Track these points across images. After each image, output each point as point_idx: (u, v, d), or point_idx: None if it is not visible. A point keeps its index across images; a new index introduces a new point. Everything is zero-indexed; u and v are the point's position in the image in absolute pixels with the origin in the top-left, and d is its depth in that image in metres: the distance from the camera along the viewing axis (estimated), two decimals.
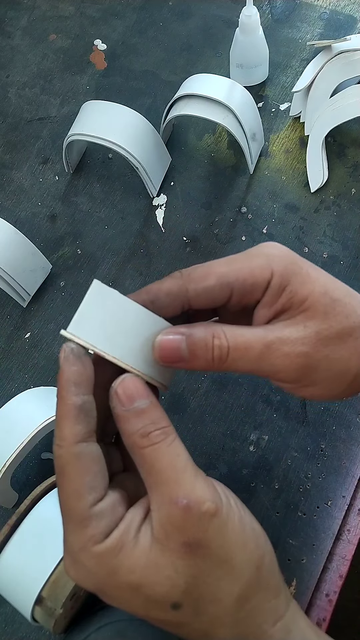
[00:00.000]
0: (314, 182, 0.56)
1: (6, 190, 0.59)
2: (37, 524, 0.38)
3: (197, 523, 0.25)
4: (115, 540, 0.26)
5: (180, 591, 0.26)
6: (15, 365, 0.52)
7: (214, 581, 0.26)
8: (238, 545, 0.26)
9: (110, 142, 0.51)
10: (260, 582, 0.27)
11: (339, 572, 0.43)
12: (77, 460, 0.26)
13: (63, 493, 0.26)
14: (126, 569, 0.25)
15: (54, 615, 0.37)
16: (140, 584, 0.25)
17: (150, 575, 0.25)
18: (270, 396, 0.49)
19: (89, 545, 0.25)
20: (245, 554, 0.27)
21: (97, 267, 0.55)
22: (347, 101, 0.54)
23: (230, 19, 0.65)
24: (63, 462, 0.26)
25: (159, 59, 0.64)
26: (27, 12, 0.69)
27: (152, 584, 0.25)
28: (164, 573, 0.25)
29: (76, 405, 0.26)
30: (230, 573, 0.26)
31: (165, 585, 0.25)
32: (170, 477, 0.26)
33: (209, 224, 0.56)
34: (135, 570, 0.25)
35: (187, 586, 0.26)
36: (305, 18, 0.65)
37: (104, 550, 0.25)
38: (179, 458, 0.26)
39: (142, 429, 0.26)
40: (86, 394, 0.27)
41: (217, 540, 0.26)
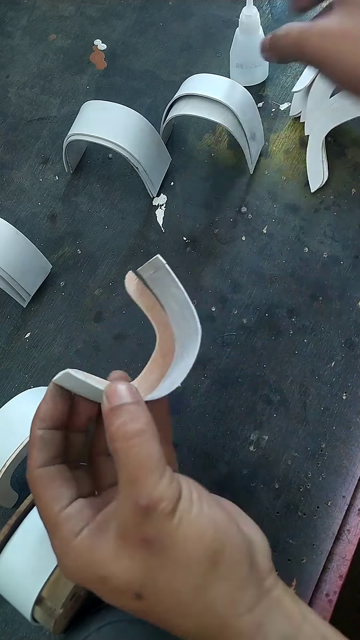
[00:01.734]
0: (314, 182, 0.56)
1: (6, 190, 0.59)
2: (37, 524, 0.38)
3: (154, 522, 0.27)
4: (84, 537, 0.29)
5: (139, 582, 0.28)
6: (15, 365, 0.52)
7: (169, 574, 0.28)
8: (191, 539, 0.28)
9: (110, 142, 0.51)
10: (218, 573, 0.28)
11: (339, 572, 0.43)
12: (39, 480, 0.30)
13: (37, 507, 0.30)
14: (94, 562, 0.28)
15: (54, 615, 0.37)
16: (106, 576, 0.28)
17: (113, 568, 0.28)
18: (270, 396, 0.49)
19: (65, 545, 0.29)
20: (199, 546, 0.28)
21: (97, 267, 0.55)
22: (347, 101, 0.54)
23: (230, 19, 0.65)
24: (30, 483, 0.31)
25: (159, 59, 0.64)
26: (27, 12, 0.69)
27: (115, 575, 0.28)
28: (124, 565, 0.28)
29: (36, 436, 0.31)
30: (184, 565, 0.28)
31: (126, 577, 0.28)
32: (136, 477, 0.28)
33: (209, 224, 0.56)
34: (101, 564, 0.28)
35: (146, 578, 0.28)
36: (305, 18, 0.65)
37: (76, 547, 0.29)
38: (148, 459, 0.28)
39: (119, 426, 0.29)
40: (49, 428, 0.31)
41: (172, 537, 0.28)
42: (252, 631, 0.28)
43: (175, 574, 0.28)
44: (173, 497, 0.28)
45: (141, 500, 0.27)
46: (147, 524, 0.27)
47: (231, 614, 0.28)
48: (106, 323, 0.53)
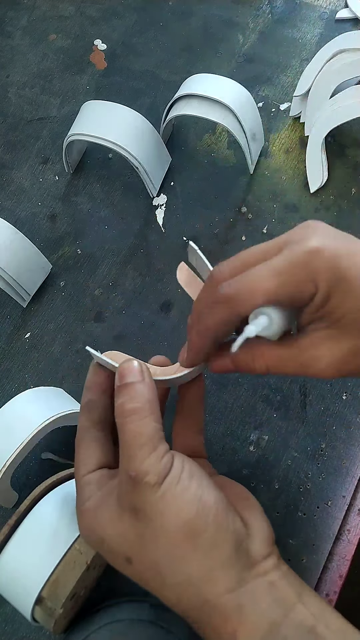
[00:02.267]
0: (313, 183, 0.56)
1: (6, 190, 0.59)
2: (37, 524, 0.38)
3: (140, 492, 0.30)
4: (92, 502, 0.32)
5: (129, 547, 0.30)
6: (15, 365, 0.52)
7: (151, 542, 0.30)
8: (172, 512, 0.30)
9: (110, 142, 0.51)
10: (197, 550, 0.29)
11: (339, 572, 0.44)
12: (79, 442, 0.34)
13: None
14: (97, 525, 0.31)
15: (54, 615, 0.37)
16: (103, 538, 0.31)
17: (109, 531, 0.31)
18: (270, 396, 0.49)
19: (79, 506, 0.33)
20: (178, 520, 0.29)
21: (97, 267, 0.55)
22: (347, 102, 0.54)
23: (230, 19, 0.65)
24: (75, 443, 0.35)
25: (159, 59, 0.65)
26: (27, 12, 0.69)
27: (110, 538, 0.31)
28: (118, 529, 0.30)
29: (83, 402, 0.35)
30: (163, 536, 0.30)
31: (119, 541, 0.31)
32: (129, 451, 0.30)
33: (209, 224, 0.56)
34: (101, 526, 0.31)
35: (134, 544, 0.30)
36: (305, 18, 0.65)
37: (85, 510, 0.32)
38: (140, 437, 0.30)
39: (120, 403, 0.32)
40: (94, 396, 0.35)
41: (153, 507, 0.30)
42: (231, 611, 0.28)
43: (156, 544, 0.30)
44: (159, 472, 0.30)
45: (130, 472, 0.30)
46: (135, 494, 0.30)
47: (210, 592, 0.29)
48: (106, 323, 0.53)
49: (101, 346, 0.52)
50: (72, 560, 0.37)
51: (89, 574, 0.39)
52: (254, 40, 0.64)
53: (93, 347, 0.51)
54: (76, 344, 0.52)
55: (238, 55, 0.63)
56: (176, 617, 0.40)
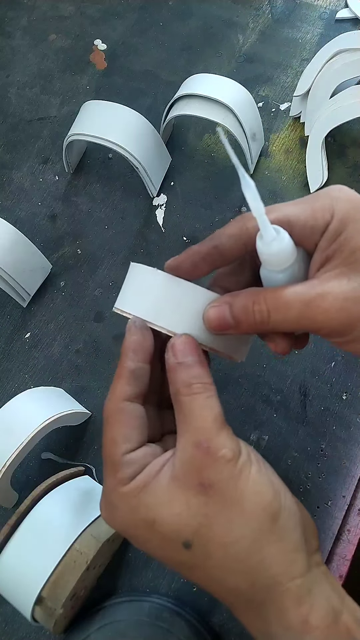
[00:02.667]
0: (313, 183, 0.56)
1: (6, 190, 0.59)
2: (37, 524, 0.38)
3: (214, 465, 0.28)
4: (138, 481, 0.28)
5: (191, 529, 0.28)
6: (15, 365, 0.52)
7: (224, 523, 0.28)
8: (251, 492, 0.28)
9: (110, 142, 0.51)
10: (274, 533, 0.28)
11: (339, 572, 0.43)
12: (119, 414, 0.30)
13: (105, 440, 0.30)
14: (144, 506, 0.28)
15: (54, 616, 0.37)
16: (155, 520, 0.28)
17: (164, 511, 0.28)
18: (270, 396, 0.49)
19: (118, 487, 0.29)
20: (259, 501, 0.28)
21: (97, 267, 0.55)
22: (347, 101, 0.53)
23: (230, 19, 0.65)
24: (108, 413, 0.30)
25: (159, 59, 0.64)
26: (27, 12, 0.69)
27: (165, 519, 0.28)
28: (177, 509, 0.28)
29: (130, 369, 0.31)
30: (241, 516, 0.28)
31: (177, 522, 0.28)
32: (198, 424, 0.28)
33: (209, 224, 0.56)
34: (151, 507, 0.28)
35: (199, 525, 0.27)
36: (306, 18, 0.65)
37: (128, 491, 0.28)
38: (211, 411, 0.29)
39: (186, 380, 0.29)
40: (141, 362, 0.31)
41: (230, 484, 0.28)
42: (302, 594, 0.28)
43: (231, 524, 0.28)
44: (233, 447, 0.28)
45: (202, 444, 0.28)
46: (207, 467, 0.28)
47: (284, 575, 0.28)
48: (106, 323, 0.53)
49: (101, 346, 0.52)
50: (72, 560, 0.37)
51: (89, 574, 0.39)
52: (254, 40, 0.64)
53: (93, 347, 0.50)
54: (76, 344, 0.52)
55: (238, 55, 0.63)
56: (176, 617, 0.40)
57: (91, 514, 0.39)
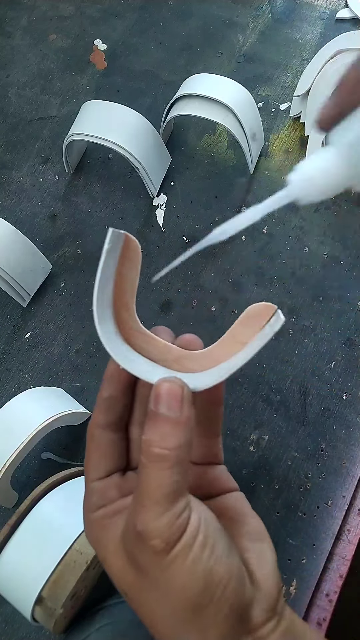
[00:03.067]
0: None
1: (6, 190, 0.59)
2: (37, 524, 0.38)
3: (143, 551, 0.27)
4: (99, 516, 0.30)
5: (125, 585, 0.29)
6: (15, 365, 0.52)
7: (150, 600, 0.28)
8: (178, 583, 0.27)
9: (110, 142, 0.51)
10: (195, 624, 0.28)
11: (339, 572, 0.43)
12: (90, 441, 0.31)
13: None
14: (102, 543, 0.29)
15: (54, 615, 0.37)
16: (105, 559, 0.29)
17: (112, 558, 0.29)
18: (270, 396, 0.49)
19: (86, 512, 0.30)
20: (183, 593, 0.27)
21: (97, 267, 0.55)
22: None
23: (230, 19, 0.65)
24: (87, 439, 0.31)
25: (159, 59, 0.64)
26: (27, 12, 0.69)
27: (111, 565, 0.29)
28: (119, 563, 0.29)
29: (102, 397, 0.31)
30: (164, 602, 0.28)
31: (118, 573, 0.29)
32: (143, 501, 0.27)
33: (209, 224, 0.56)
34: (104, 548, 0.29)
35: (130, 588, 0.28)
36: (306, 18, 0.65)
37: (91, 521, 0.30)
38: (159, 489, 0.27)
39: (148, 440, 0.27)
40: (114, 391, 0.32)
41: (157, 572, 0.27)
42: None
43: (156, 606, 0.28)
44: (169, 537, 0.27)
45: (137, 526, 0.27)
46: (139, 551, 0.27)
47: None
48: None
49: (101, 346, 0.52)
50: (72, 561, 0.37)
51: (89, 574, 0.39)
52: (254, 40, 0.64)
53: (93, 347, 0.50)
54: (76, 344, 0.52)
55: (238, 55, 0.63)
56: None
57: None
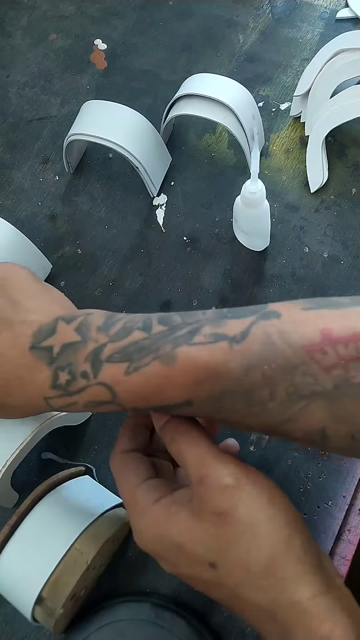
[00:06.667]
0: (313, 183, 0.56)
1: (6, 190, 0.59)
2: (37, 524, 0.38)
3: (221, 494, 0.30)
4: (162, 505, 0.31)
5: (213, 552, 0.30)
6: None
7: (241, 546, 0.29)
8: (263, 517, 0.30)
9: (111, 142, 0.51)
10: (290, 555, 0.29)
11: (339, 572, 0.43)
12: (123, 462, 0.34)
13: (119, 488, 0.34)
14: (172, 531, 0.31)
15: (54, 616, 0.37)
16: (182, 544, 0.30)
17: (189, 538, 0.30)
18: None
19: (142, 512, 0.32)
20: (272, 525, 0.29)
21: (97, 267, 0.55)
22: (347, 101, 0.54)
23: (230, 18, 0.65)
24: (112, 464, 0.35)
25: (159, 58, 0.64)
26: (27, 11, 0.69)
27: (191, 544, 0.30)
28: (199, 537, 0.30)
29: (129, 425, 0.36)
30: (256, 540, 0.29)
31: (201, 547, 0.30)
32: (195, 463, 0.31)
33: (209, 224, 0.56)
34: (177, 534, 0.30)
35: (219, 550, 0.30)
36: (306, 17, 0.65)
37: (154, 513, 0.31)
38: (200, 448, 0.31)
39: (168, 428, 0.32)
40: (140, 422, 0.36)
41: (241, 509, 0.29)
42: (322, 612, 0.28)
43: (248, 547, 0.29)
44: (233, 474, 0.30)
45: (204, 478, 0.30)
46: (215, 498, 0.29)
47: (302, 594, 0.29)
48: None
49: None
50: (72, 561, 0.37)
51: (89, 574, 0.39)
52: (254, 40, 0.64)
53: None
54: None
55: (238, 55, 0.63)
56: (176, 617, 0.40)
57: (91, 514, 0.39)
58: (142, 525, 0.31)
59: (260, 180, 0.45)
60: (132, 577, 0.44)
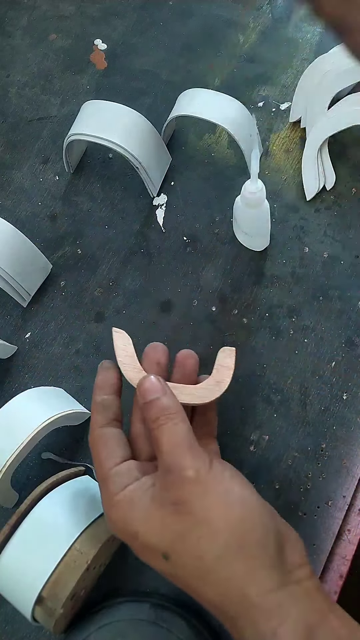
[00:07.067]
0: (309, 191, 0.55)
1: (6, 190, 0.59)
2: (37, 524, 0.38)
3: (181, 486, 0.31)
4: (127, 492, 0.32)
5: (167, 544, 0.30)
6: (15, 365, 0.52)
7: (195, 538, 0.30)
8: (219, 511, 0.30)
9: (111, 142, 0.51)
10: (242, 549, 0.30)
11: (339, 572, 0.44)
12: (98, 440, 0.35)
13: (95, 465, 0.35)
14: (129, 519, 0.32)
15: (54, 616, 0.37)
16: (137, 533, 0.31)
17: (145, 527, 0.31)
18: (270, 396, 0.49)
19: (110, 497, 0.33)
20: (226, 518, 0.30)
21: (97, 267, 0.55)
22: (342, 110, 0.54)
23: (230, 18, 0.65)
24: (91, 444, 0.36)
25: (159, 58, 0.64)
26: (27, 11, 0.69)
27: (145, 534, 0.31)
28: (155, 526, 0.31)
29: (97, 402, 0.37)
30: (209, 533, 0.30)
31: (155, 536, 0.31)
32: (166, 450, 0.32)
33: (209, 224, 0.56)
34: (135, 521, 0.31)
35: (173, 540, 0.30)
36: (306, 17, 0.65)
37: (119, 500, 0.32)
38: (176, 436, 0.33)
39: (153, 415, 0.34)
40: (106, 394, 0.37)
41: (198, 502, 0.30)
42: (273, 609, 0.29)
43: (200, 540, 0.30)
44: (199, 467, 0.31)
45: (171, 466, 0.31)
46: (175, 488, 0.31)
47: (252, 590, 0.29)
48: (106, 323, 0.53)
49: (101, 346, 0.52)
50: (72, 561, 0.37)
51: (89, 574, 0.39)
52: (254, 40, 0.64)
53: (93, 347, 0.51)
54: (76, 344, 0.52)
55: (238, 55, 0.63)
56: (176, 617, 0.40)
57: (91, 514, 0.39)
58: (110, 512, 0.33)
59: (260, 180, 0.45)
60: (132, 577, 0.44)
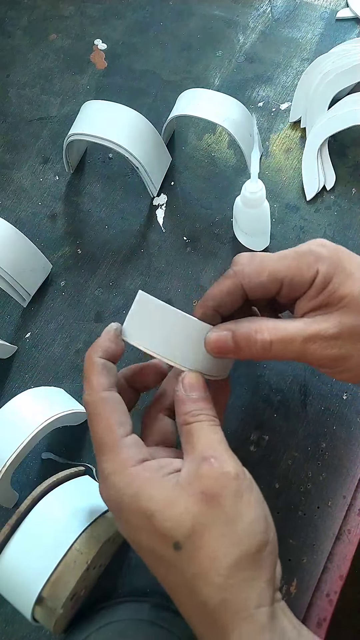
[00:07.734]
0: (309, 190, 0.55)
1: (6, 190, 0.59)
2: (37, 524, 0.38)
3: (219, 478, 0.30)
4: (147, 467, 0.30)
5: (184, 532, 0.29)
6: (15, 365, 0.52)
7: (217, 535, 0.29)
8: (247, 517, 0.30)
9: (111, 142, 0.51)
10: (256, 561, 0.29)
11: (339, 572, 0.43)
12: (105, 403, 0.32)
13: (96, 430, 0.32)
14: (147, 495, 0.29)
15: (54, 615, 0.37)
16: (153, 513, 0.29)
17: (164, 508, 0.29)
18: (270, 396, 0.49)
19: (123, 466, 0.30)
20: (252, 528, 0.30)
21: (97, 267, 0.55)
22: (341, 111, 0.54)
23: (230, 18, 0.65)
24: (93, 405, 0.33)
25: (159, 58, 0.64)
26: (27, 11, 0.69)
27: (163, 515, 0.29)
28: (176, 510, 0.29)
29: (99, 363, 0.34)
30: (233, 535, 0.29)
31: (174, 521, 0.29)
32: (205, 443, 0.31)
33: (209, 224, 0.56)
34: (153, 499, 0.29)
35: (192, 530, 0.29)
36: (306, 18, 0.65)
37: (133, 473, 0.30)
38: (216, 436, 0.32)
39: (193, 410, 0.33)
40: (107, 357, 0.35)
41: (231, 500, 0.30)
42: (265, 623, 0.29)
43: (222, 539, 0.29)
44: (238, 470, 0.31)
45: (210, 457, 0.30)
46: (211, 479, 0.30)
47: (253, 601, 0.29)
48: (106, 323, 0.52)
49: None
50: (72, 560, 0.37)
51: (89, 574, 0.39)
52: (254, 40, 0.64)
53: None
54: (76, 344, 0.52)
55: (238, 55, 0.63)
56: (176, 617, 0.40)
57: (91, 514, 0.39)
58: (116, 479, 0.30)
59: (260, 180, 0.45)
60: (132, 577, 0.44)
